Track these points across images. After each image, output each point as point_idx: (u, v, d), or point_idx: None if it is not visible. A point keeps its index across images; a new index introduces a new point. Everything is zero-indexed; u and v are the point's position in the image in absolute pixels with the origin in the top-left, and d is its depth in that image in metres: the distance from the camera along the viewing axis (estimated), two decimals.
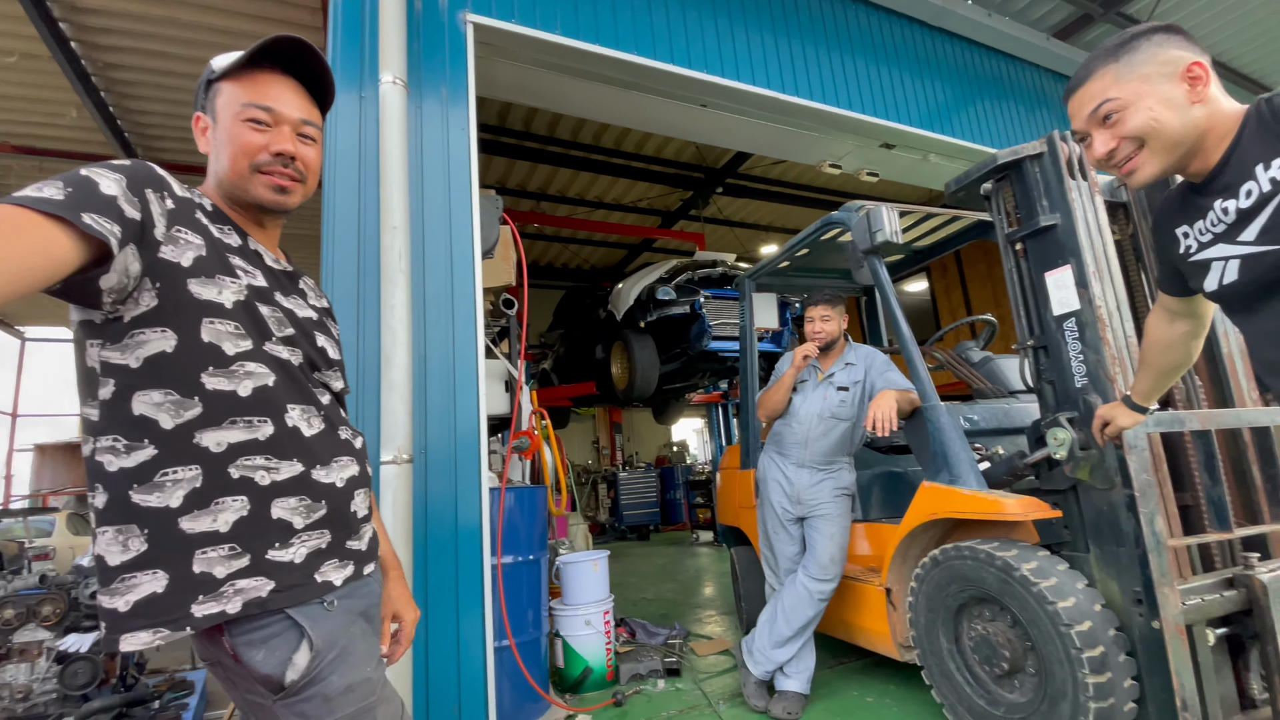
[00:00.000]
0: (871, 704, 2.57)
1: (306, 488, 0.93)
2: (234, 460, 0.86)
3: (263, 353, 0.91)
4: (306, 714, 0.87)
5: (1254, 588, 1.65)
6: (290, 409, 0.93)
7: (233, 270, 0.91)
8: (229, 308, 0.88)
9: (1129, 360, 1.97)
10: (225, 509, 0.85)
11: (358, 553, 1.00)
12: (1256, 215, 0.91)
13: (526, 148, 7.03)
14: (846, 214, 2.75)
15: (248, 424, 0.88)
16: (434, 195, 2.43)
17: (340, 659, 0.89)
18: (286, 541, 0.89)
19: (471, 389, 2.31)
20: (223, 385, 0.87)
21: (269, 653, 0.86)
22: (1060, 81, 5.12)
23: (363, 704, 0.90)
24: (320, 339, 1.06)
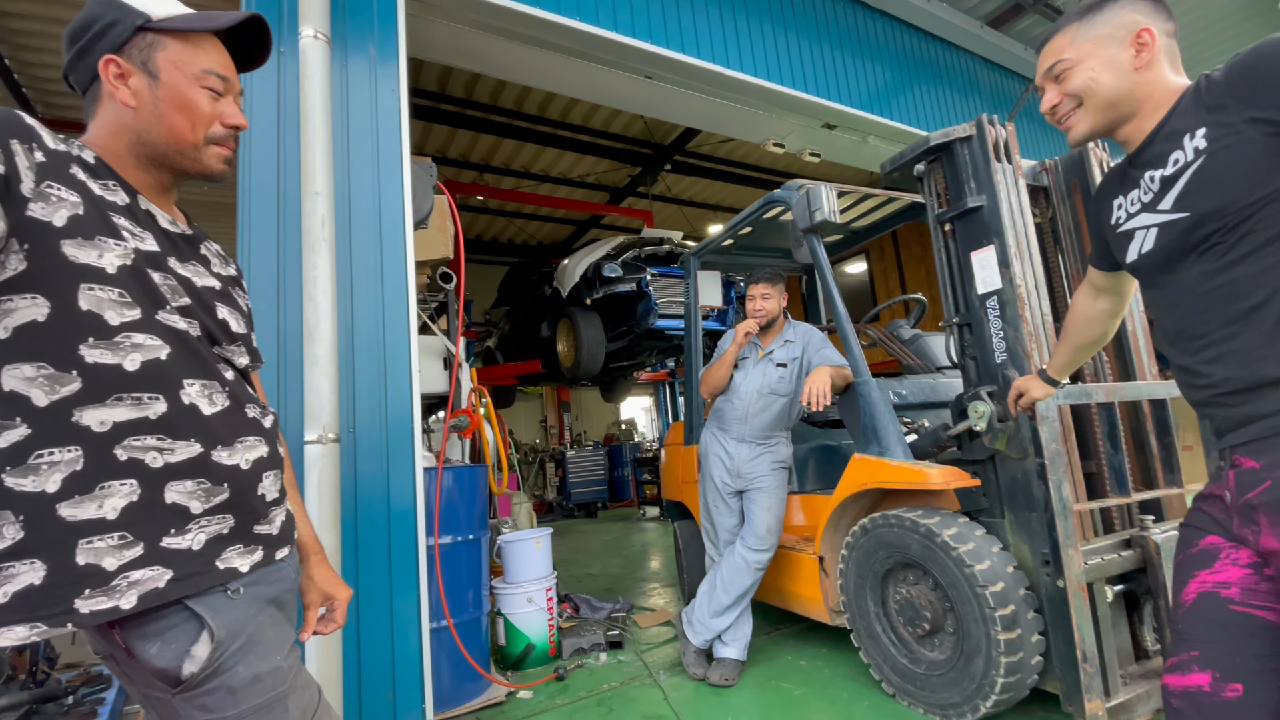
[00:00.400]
0: (804, 667, 2.68)
1: (205, 470, 0.86)
2: (120, 441, 0.79)
3: (154, 323, 0.84)
4: (210, 707, 0.82)
5: (1149, 547, 1.79)
6: (187, 385, 0.86)
7: (117, 231, 0.83)
8: (112, 273, 0.80)
9: (1045, 337, 2.07)
10: (112, 494, 0.78)
11: (268, 537, 0.95)
12: (1175, 183, 0.94)
13: (468, 116, 6.77)
14: (787, 192, 2.77)
15: (136, 401, 0.81)
16: (361, 160, 2.29)
17: (246, 648, 0.85)
18: (183, 528, 0.83)
19: (404, 365, 2.22)
20: (105, 358, 0.79)
21: (164, 645, 0.80)
22: (991, 69, 5.30)
23: (272, 694, 0.86)
24: (222, 310, 0.98)
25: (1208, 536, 0.99)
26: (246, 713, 0.83)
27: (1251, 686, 0.89)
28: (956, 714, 2.00)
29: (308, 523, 1.14)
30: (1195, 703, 0.92)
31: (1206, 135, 0.90)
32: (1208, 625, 0.94)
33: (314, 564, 1.12)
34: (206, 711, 0.82)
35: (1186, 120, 0.94)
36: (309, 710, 0.91)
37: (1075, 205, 2.36)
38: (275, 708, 0.86)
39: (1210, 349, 0.95)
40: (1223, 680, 0.90)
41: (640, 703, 2.45)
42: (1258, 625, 0.91)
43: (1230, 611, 0.93)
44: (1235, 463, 0.94)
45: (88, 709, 2.50)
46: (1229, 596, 0.93)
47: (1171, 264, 0.99)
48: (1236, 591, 0.93)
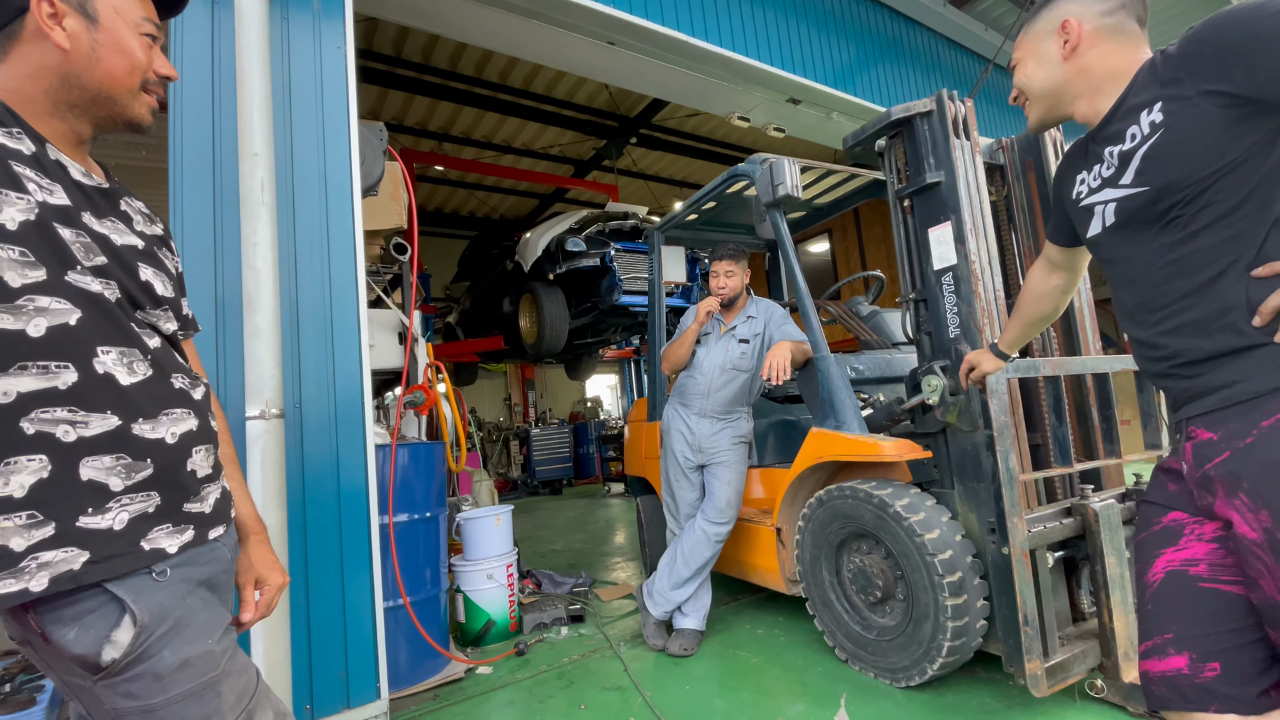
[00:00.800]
0: (761, 635, 2.73)
1: (125, 444, 0.80)
2: (27, 413, 0.73)
3: (63, 285, 0.77)
4: (134, 694, 0.77)
5: (1088, 515, 1.87)
6: (101, 352, 0.80)
7: (19, 183, 0.75)
8: (12, 229, 0.73)
9: (997, 313, 2.12)
10: (19, 470, 0.72)
11: (199, 515, 0.89)
12: (1133, 158, 0.95)
13: (426, 82, 6.51)
14: (751, 166, 2.74)
15: (43, 370, 0.75)
16: (305, 121, 2.16)
17: (174, 632, 0.80)
18: (102, 506, 0.77)
19: (352, 338, 2.14)
20: (6, 323, 0.73)
21: (82, 630, 0.75)
22: (953, 49, 5.34)
23: (202, 679, 0.81)
24: (145, 271, 0.90)
25: (1170, 513, 1.00)
26: (174, 699, 0.79)
27: (1228, 664, 0.90)
28: (905, 677, 2.08)
29: (249, 500, 1.08)
30: (1175, 687, 0.93)
31: (1162, 109, 0.91)
32: (1179, 606, 0.95)
33: (252, 544, 1.06)
34: (131, 699, 0.77)
35: (1143, 96, 0.94)
36: (245, 694, 0.87)
37: (1029, 184, 2.40)
38: (206, 694, 0.81)
39: (1168, 321, 0.96)
40: (1200, 661, 0.91)
41: (600, 675, 2.47)
42: (1228, 601, 0.91)
43: (1200, 590, 0.93)
44: (1191, 434, 0.95)
45: (25, 696, 2.39)
46: (1197, 574, 0.94)
47: (1132, 238, 1.00)
48: (1204, 568, 0.94)
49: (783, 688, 2.23)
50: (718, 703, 2.15)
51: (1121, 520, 1.93)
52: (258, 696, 0.89)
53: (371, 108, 6.88)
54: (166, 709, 0.78)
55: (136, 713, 0.77)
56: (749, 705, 2.12)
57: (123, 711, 0.77)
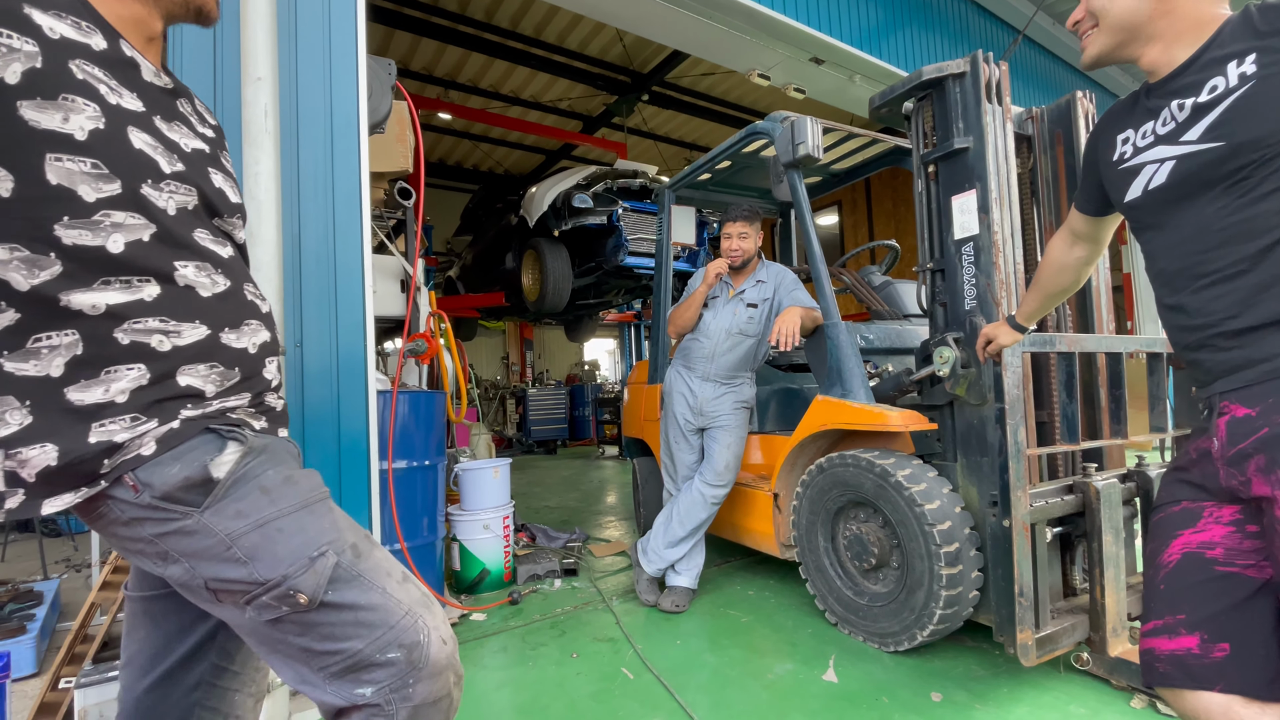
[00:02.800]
0: (752, 596, 2.77)
1: (216, 353, 0.81)
2: (119, 324, 0.73)
3: (138, 198, 0.74)
4: (245, 511, 0.75)
5: (1089, 493, 1.87)
6: (180, 266, 0.79)
7: (89, 88, 0.70)
8: (82, 139, 0.69)
9: (1015, 286, 2.08)
10: (118, 378, 0.73)
11: (274, 412, 0.92)
12: (1210, 111, 0.90)
13: (434, 24, 6.28)
14: (771, 124, 2.66)
15: (125, 285, 0.74)
16: (310, 48, 2.06)
17: (272, 460, 0.80)
18: (200, 405, 0.79)
19: (356, 279, 2.08)
20: (85, 239, 0.71)
21: (185, 464, 0.75)
22: (983, 16, 5.16)
23: (312, 494, 0.81)
24: (216, 177, 0.87)
25: (1190, 494, 0.99)
26: (286, 510, 0.77)
27: (1238, 644, 0.90)
28: (894, 642, 2.11)
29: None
30: (1183, 665, 0.93)
31: (1257, 61, 0.85)
32: (1193, 588, 0.94)
33: None
34: (242, 518, 0.75)
35: (1232, 47, 0.89)
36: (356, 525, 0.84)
37: (1057, 157, 2.33)
38: (318, 508, 0.80)
39: (1215, 287, 0.92)
40: (1211, 641, 0.91)
41: (592, 626, 2.51)
42: (1243, 584, 0.91)
43: (1215, 573, 0.93)
44: (1224, 410, 0.92)
45: (16, 624, 2.42)
46: (1214, 557, 0.94)
47: (1185, 199, 0.95)
48: (1221, 552, 0.93)
49: (772, 647, 2.26)
50: (708, 658, 2.19)
51: (1121, 500, 1.93)
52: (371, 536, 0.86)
53: (377, 47, 6.64)
54: (280, 519, 0.77)
55: (252, 530, 0.75)
56: (738, 661, 2.15)
57: (236, 535, 0.75)
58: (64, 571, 3.58)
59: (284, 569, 0.75)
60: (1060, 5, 5.32)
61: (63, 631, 2.70)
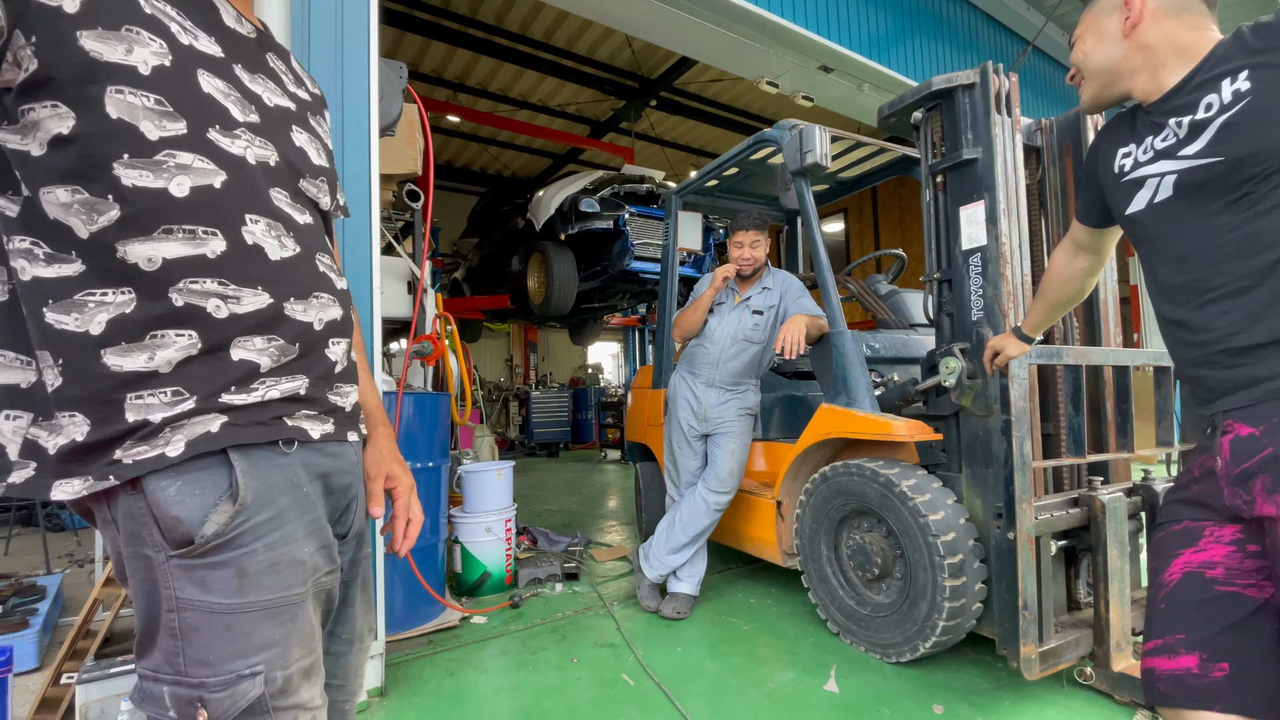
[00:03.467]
0: (754, 604, 2.76)
1: (277, 325, 0.72)
2: (175, 283, 0.66)
3: (205, 142, 0.68)
4: (210, 586, 0.65)
5: (1095, 507, 1.86)
6: (250, 221, 0.71)
7: (157, 24, 0.66)
8: (145, 73, 0.64)
9: (1023, 298, 2.07)
10: (166, 345, 0.65)
11: (340, 411, 0.81)
12: (1207, 127, 0.91)
13: (444, 27, 6.31)
14: (779, 131, 2.66)
15: (189, 235, 0.67)
16: (323, 49, 2.08)
17: (273, 525, 0.69)
18: (248, 386, 0.70)
19: (364, 279, 2.09)
20: (147, 180, 0.65)
21: (186, 486, 0.65)
22: (992, 26, 5.17)
23: (284, 594, 0.68)
24: (299, 136, 0.81)
25: (1191, 513, 0.99)
26: (248, 608, 0.66)
27: (1237, 664, 0.90)
28: (896, 653, 2.10)
29: (375, 391, 0.99)
30: (1183, 685, 0.93)
31: (1251, 77, 0.86)
32: (1193, 607, 0.94)
33: (381, 435, 0.96)
34: (202, 590, 0.65)
35: (1225, 66, 0.90)
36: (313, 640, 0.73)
37: (1065, 169, 2.32)
38: (281, 615, 0.68)
39: (1218, 303, 0.92)
40: (1210, 661, 0.91)
41: (593, 631, 2.50)
42: (1243, 604, 0.91)
43: (1216, 592, 0.93)
44: (1228, 429, 0.92)
45: (19, 619, 2.42)
46: (1214, 577, 0.94)
47: (1189, 213, 0.95)
48: (1221, 571, 0.93)
49: (773, 655, 2.25)
50: (708, 665, 2.18)
51: (1127, 514, 1.92)
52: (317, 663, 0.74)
53: (388, 49, 6.68)
54: (237, 616, 0.66)
55: (201, 610, 0.65)
56: (739, 670, 2.14)
57: (185, 604, 0.65)
58: (67, 566, 3.59)
59: (205, 675, 0.64)
60: (1070, 17, 5.32)
61: (65, 627, 2.71)
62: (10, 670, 1.94)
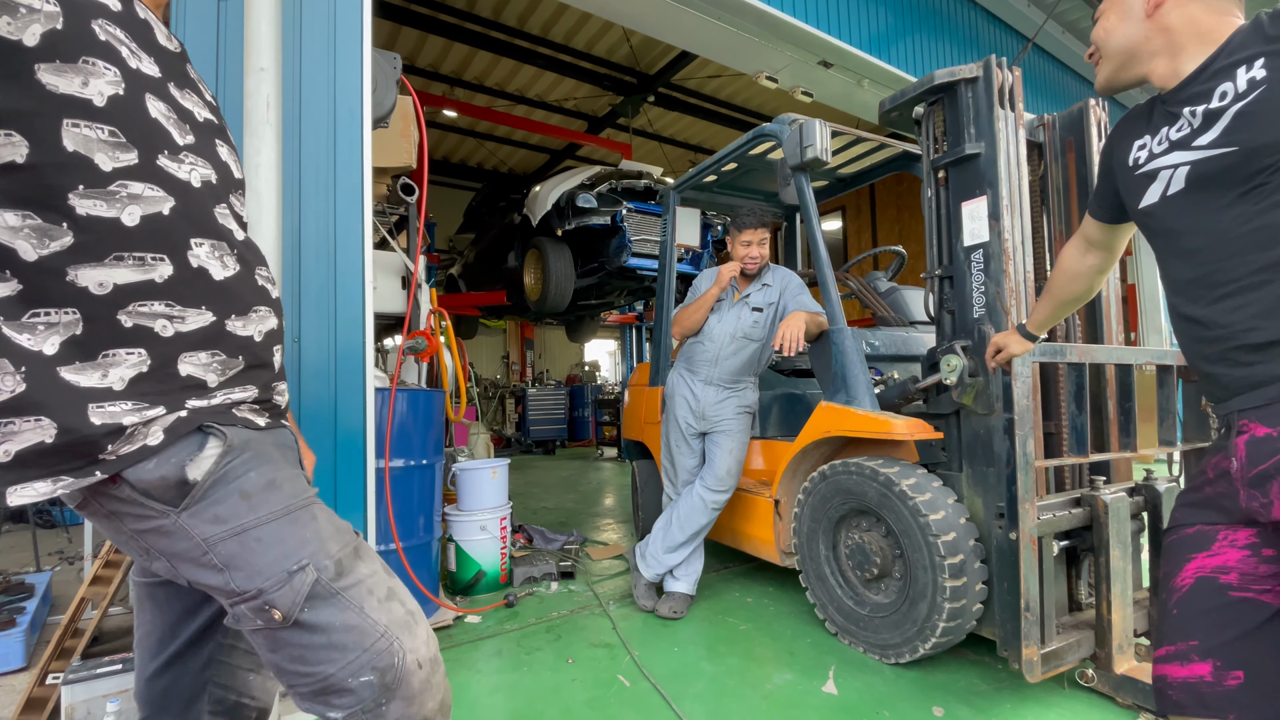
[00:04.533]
0: (751, 603, 2.74)
1: (220, 340, 0.78)
2: (124, 306, 0.70)
3: (155, 170, 0.72)
4: (223, 517, 0.72)
5: (1097, 507, 1.83)
6: (195, 245, 0.75)
7: (109, 51, 0.68)
8: (101, 105, 0.67)
9: (1025, 295, 2.05)
10: (117, 363, 0.70)
11: (276, 407, 0.89)
12: (1221, 116, 0.88)
13: (441, 21, 6.26)
14: (779, 126, 2.63)
15: (139, 262, 0.71)
16: (315, 39, 2.04)
17: (257, 459, 0.76)
18: (203, 396, 0.76)
19: (356, 275, 2.05)
20: (100, 210, 0.68)
21: (161, 459, 0.71)
22: (993, 23, 5.14)
23: (294, 500, 0.76)
24: (222, 150, 0.84)
25: (1204, 517, 0.96)
26: (266, 519, 0.73)
27: (1253, 672, 0.87)
28: (895, 654, 2.07)
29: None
30: (1196, 693, 0.91)
31: (1266, 65, 0.83)
32: (1207, 613, 0.91)
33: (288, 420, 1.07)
34: (220, 523, 0.71)
35: (1242, 54, 0.87)
36: (345, 536, 0.79)
37: (1068, 164, 2.30)
38: (301, 516, 0.76)
39: (1233, 298, 0.89)
40: (1224, 669, 0.89)
41: (589, 631, 2.47)
42: (1258, 610, 0.89)
43: (1229, 598, 0.90)
44: (1244, 429, 0.89)
45: (6, 617, 2.39)
46: (1228, 582, 0.91)
47: (1202, 205, 0.92)
48: (1235, 576, 0.90)
49: (771, 656, 2.23)
50: (705, 666, 2.15)
51: (1130, 514, 1.90)
52: (362, 545, 0.82)
53: (384, 43, 6.62)
54: (259, 529, 0.73)
55: (229, 537, 0.72)
56: (737, 671, 2.12)
57: (213, 541, 0.72)
58: (57, 564, 3.55)
59: (260, 582, 0.72)
60: (1070, 14, 5.30)
61: (53, 625, 2.67)
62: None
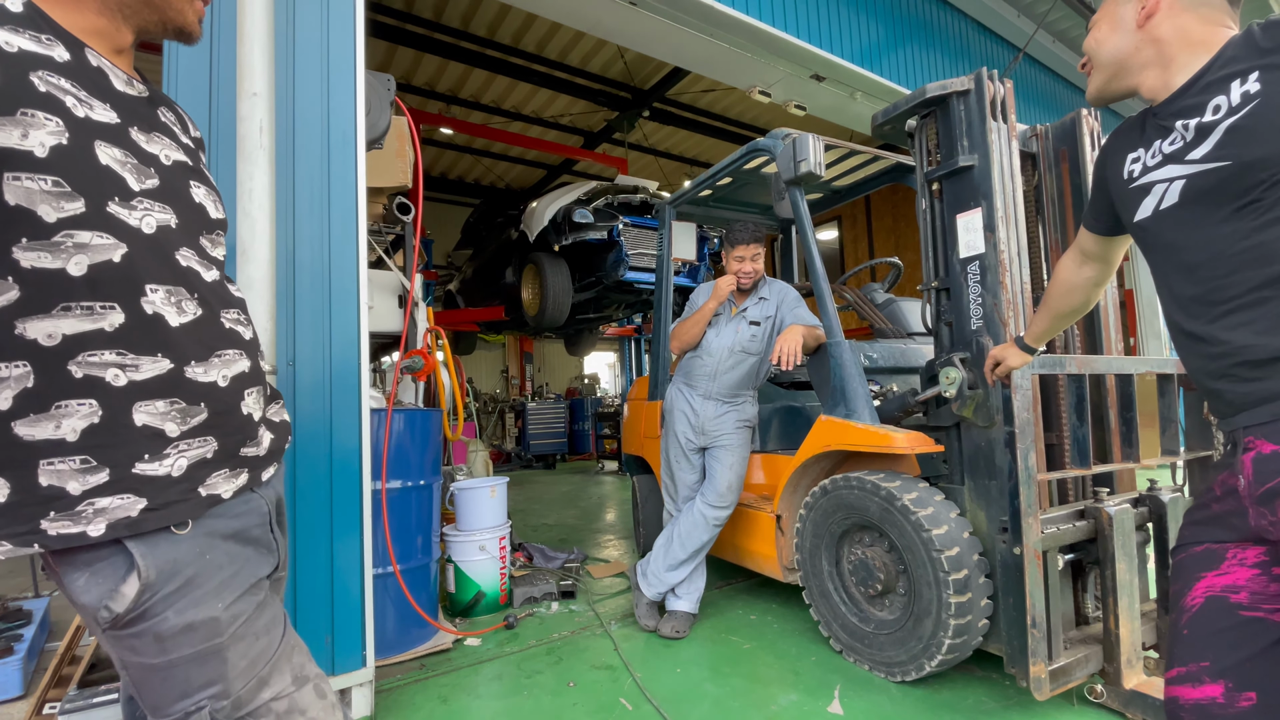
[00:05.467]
0: (754, 621, 2.70)
1: (177, 388, 0.77)
2: (73, 356, 0.70)
3: (105, 217, 0.71)
4: (137, 650, 0.75)
5: (1102, 519, 1.81)
6: (150, 291, 0.75)
7: (50, 101, 0.67)
8: (41, 156, 0.66)
9: (1022, 306, 2.04)
10: (69, 414, 0.70)
11: (254, 459, 0.87)
12: (1215, 129, 0.87)
13: (436, 40, 6.31)
14: (772, 140, 2.64)
15: (87, 312, 0.70)
16: (308, 64, 2.04)
17: (181, 593, 0.76)
18: (159, 452, 0.75)
19: (351, 297, 2.04)
20: (45, 262, 0.68)
21: (91, 578, 0.73)
22: (984, 34, 5.18)
23: (206, 645, 0.77)
24: (197, 192, 0.84)
25: (1212, 535, 0.95)
26: (175, 662, 0.76)
27: (1265, 693, 0.86)
28: (901, 671, 2.04)
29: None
30: (1208, 716, 0.89)
31: (1260, 79, 0.83)
32: (1218, 634, 0.90)
33: None
34: (134, 654, 0.75)
35: (1234, 66, 0.87)
36: (260, 659, 0.81)
37: (1062, 175, 2.30)
38: (210, 659, 0.77)
39: (1233, 315, 0.88)
40: (1236, 690, 0.87)
41: (590, 652, 2.44)
42: (1269, 629, 0.87)
43: (1240, 618, 0.89)
44: (1249, 446, 0.87)
45: (3, 644, 2.35)
46: (1238, 602, 0.90)
47: (1197, 220, 0.91)
48: (1245, 596, 0.89)
49: (775, 675, 2.19)
50: (709, 687, 2.12)
51: (1134, 525, 1.88)
52: (275, 659, 0.83)
53: (379, 63, 6.68)
54: (169, 669, 0.76)
55: (140, 668, 0.76)
56: (741, 692, 2.08)
57: (128, 663, 0.76)
58: (54, 590, 3.51)
59: (160, 715, 0.76)
60: (1061, 24, 5.35)
61: (51, 652, 2.63)
62: None
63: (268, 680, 0.82)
